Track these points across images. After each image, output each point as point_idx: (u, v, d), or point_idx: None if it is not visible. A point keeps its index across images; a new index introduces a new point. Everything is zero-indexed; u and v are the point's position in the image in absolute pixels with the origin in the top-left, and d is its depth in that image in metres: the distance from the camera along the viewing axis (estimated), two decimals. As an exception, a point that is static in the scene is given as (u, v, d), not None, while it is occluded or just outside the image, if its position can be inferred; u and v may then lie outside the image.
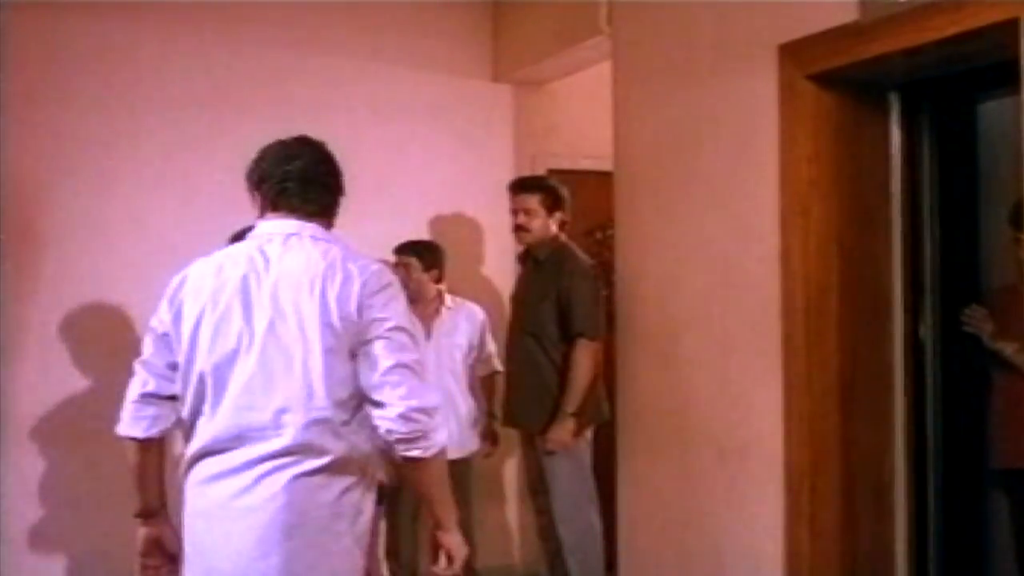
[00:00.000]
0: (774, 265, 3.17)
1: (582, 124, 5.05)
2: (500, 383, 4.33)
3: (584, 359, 3.83)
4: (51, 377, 4.14)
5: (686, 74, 3.56)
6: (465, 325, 4.35)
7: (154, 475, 2.34)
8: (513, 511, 5.04)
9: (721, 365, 3.41)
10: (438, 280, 4.36)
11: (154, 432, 2.30)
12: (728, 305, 3.38)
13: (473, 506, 4.42)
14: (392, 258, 4.37)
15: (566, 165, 5.01)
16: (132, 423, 2.30)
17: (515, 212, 4.09)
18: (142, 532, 2.37)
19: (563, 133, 5.09)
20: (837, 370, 3.10)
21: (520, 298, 4.15)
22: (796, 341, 3.10)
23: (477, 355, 4.39)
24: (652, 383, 3.76)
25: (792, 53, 3.08)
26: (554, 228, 4.04)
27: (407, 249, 4.33)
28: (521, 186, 4.14)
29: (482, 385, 4.44)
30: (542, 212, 4.03)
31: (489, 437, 4.41)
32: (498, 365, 4.41)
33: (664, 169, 3.69)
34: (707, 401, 3.47)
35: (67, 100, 4.17)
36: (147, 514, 2.37)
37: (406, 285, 4.22)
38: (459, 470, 4.29)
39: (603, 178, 4.99)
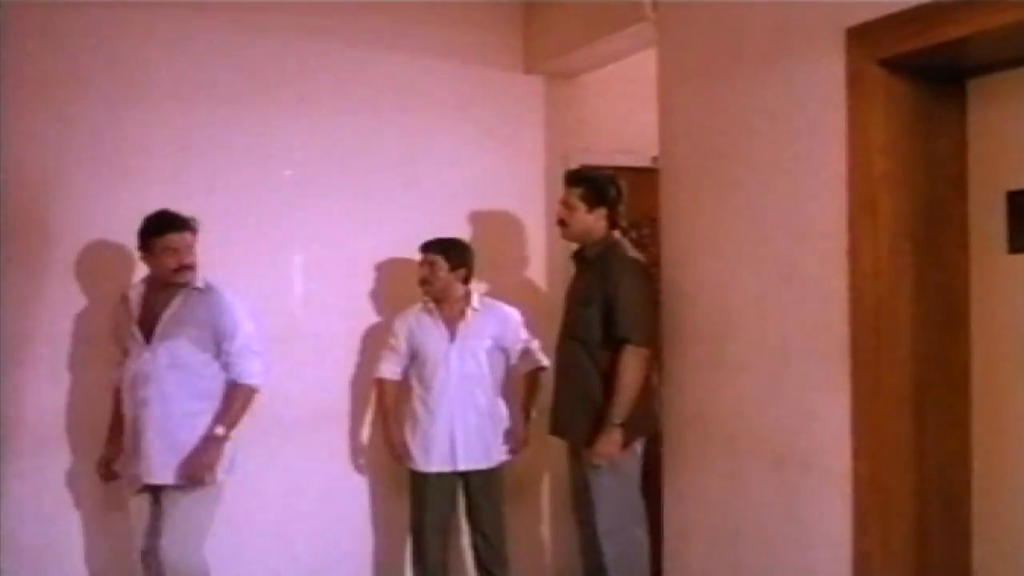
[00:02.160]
0: (840, 264, 2.95)
1: (615, 118, 4.90)
2: (547, 381, 4.09)
3: (632, 367, 3.60)
4: (60, 380, 3.95)
5: (739, 61, 3.35)
6: (493, 327, 4.16)
7: None
8: (547, 522, 4.84)
9: (778, 370, 3.20)
10: (466, 280, 4.16)
11: None
12: (786, 306, 3.17)
13: (506, 516, 4.22)
14: (418, 256, 4.17)
15: (598, 161, 4.79)
16: None
17: (561, 205, 3.88)
18: None
19: (596, 127, 4.90)
20: (910, 376, 2.88)
21: (569, 300, 3.92)
22: (865, 345, 2.89)
23: (513, 355, 4.18)
24: (700, 389, 3.55)
25: (861, 37, 2.87)
26: (599, 225, 3.81)
27: (433, 247, 4.14)
28: (566, 178, 3.95)
29: (525, 382, 4.24)
30: (582, 207, 3.83)
31: (515, 438, 4.20)
32: (543, 360, 4.21)
33: (714, 163, 3.49)
34: (762, 408, 3.26)
35: (77, 91, 3.97)
36: None
37: (431, 284, 4.05)
38: (489, 479, 4.11)
39: (637, 174, 4.83)
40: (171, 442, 3.62)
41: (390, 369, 4.19)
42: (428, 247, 4.13)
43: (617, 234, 3.86)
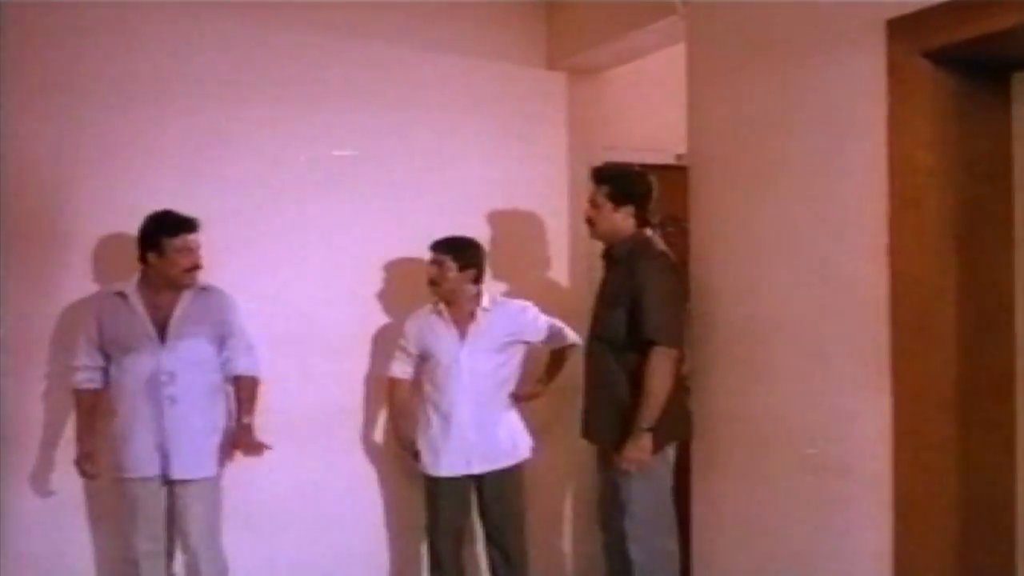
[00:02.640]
0: (880, 263, 2.86)
1: (640, 115, 4.81)
2: (577, 380, 3.96)
3: (661, 369, 3.45)
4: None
5: (772, 56, 3.26)
6: (506, 324, 4.06)
7: None
8: (568, 529, 4.75)
9: (814, 373, 3.11)
10: (476, 280, 4.06)
11: None
12: (822, 307, 3.08)
13: (526, 519, 4.13)
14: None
15: (622, 158, 4.68)
16: None
17: (588, 203, 3.80)
18: None
19: (619, 124, 4.79)
20: (953, 380, 2.78)
21: (597, 300, 3.81)
22: (907, 348, 2.81)
23: (539, 339, 4.12)
24: (731, 391, 3.46)
25: (903, 28, 2.78)
26: (627, 223, 3.71)
27: (442, 246, 4.04)
28: (592, 175, 3.84)
29: (550, 356, 4.18)
30: (608, 205, 3.71)
31: (524, 390, 4.17)
32: (571, 337, 4.13)
33: (746, 159, 3.40)
34: (797, 413, 3.17)
35: (85, 90, 3.86)
36: None
37: (439, 284, 3.96)
38: (505, 483, 4.02)
39: (661, 172, 4.72)
40: (197, 436, 3.70)
41: (400, 368, 4.11)
42: (436, 247, 4.04)
43: (648, 231, 3.75)
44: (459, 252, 4.01)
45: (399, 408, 4.14)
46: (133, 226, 3.72)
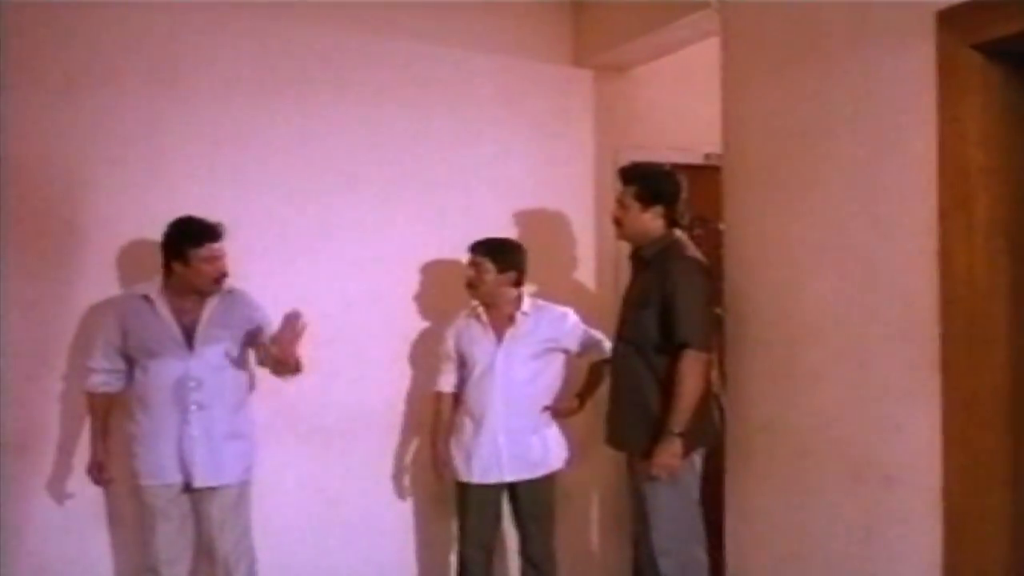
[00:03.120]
0: (929, 265, 2.74)
1: (667, 113, 4.72)
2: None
3: (692, 373, 3.36)
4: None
5: (814, 49, 3.15)
6: (545, 330, 3.94)
7: None
8: (597, 539, 4.65)
9: (857, 379, 2.99)
10: (517, 283, 3.95)
11: None
12: (867, 311, 2.96)
13: (555, 530, 4.02)
14: (463, 256, 4.03)
15: (649, 157, 4.55)
16: None
17: (616, 203, 3.69)
18: None
19: (647, 123, 4.69)
20: (1008, 387, 2.67)
21: (625, 302, 3.71)
22: (957, 353, 2.68)
23: (575, 348, 3.99)
24: (768, 398, 3.34)
25: (954, 20, 2.67)
26: (656, 224, 3.60)
27: (480, 248, 3.94)
28: (620, 175, 3.74)
29: (588, 372, 4.05)
30: (635, 205, 3.61)
31: (561, 406, 4.03)
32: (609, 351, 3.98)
33: (785, 158, 3.28)
34: (839, 419, 3.05)
35: (105, 87, 3.75)
36: None
37: (477, 287, 3.87)
38: (538, 493, 3.92)
39: (689, 172, 4.62)
40: (221, 442, 3.61)
41: (448, 381, 4.02)
42: (475, 248, 3.94)
43: (678, 232, 3.64)
44: (498, 254, 3.91)
45: (442, 425, 4.03)
46: (150, 228, 3.64)
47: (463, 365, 3.96)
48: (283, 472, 3.99)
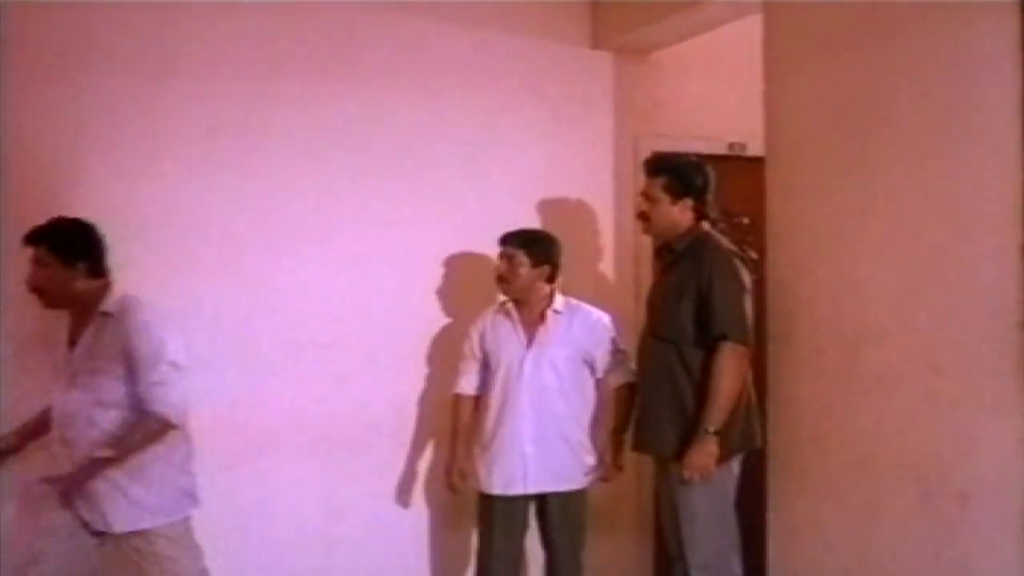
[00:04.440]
0: (1009, 262, 2.52)
1: (691, 100, 4.49)
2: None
3: (730, 366, 3.13)
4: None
5: (876, 24, 2.89)
6: (578, 333, 3.64)
7: None
8: (629, 548, 4.38)
9: (929, 386, 2.73)
10: (550, 279, 3.67)
11: None
12: (939, 310, 2.71)
13: (584, 547, 3.74)
14: (478, 249, 3.81)
15: (673, 147, 4.31)
16: None
17: (641, 196, 3.43)
18: None
19: (670, 110, 4.43)
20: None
21: (653, 298, 3.45)
22: (1044, 359, 2.45)
23: (600, 366, 3.66)
24: (822, 404, 3.09)
25: (1046, -9, 2.42)
26: (685, 217, 3.35)
27: (513, 239, 3.65)
28: (646, 166, 3.47)
29: (616, 398, 3.68)
30: (665, 199, 3.36)
31: (604, 465, 3.68)
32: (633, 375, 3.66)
33: (840, 146, 3.03)
34: (907, 429, 2.80)
35: (93, 68, 3.45)
36: None
37: (509, 281, 3.60)
38: (568, 508, 3.66)
39: (715, 162, 4.39)
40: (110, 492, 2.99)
41: (469, 383, 3.73)
42: (508, 240, 3.65)
43: (706, 226, 3.39)
44: (533, 246, 3.63)
45: (461, 431, 3.74)
46: (143, 220, 3.42)
47: (487, 366, 3.68)
48: (285, 485, 3.73)
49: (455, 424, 3.74)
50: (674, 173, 3.38)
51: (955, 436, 2.67)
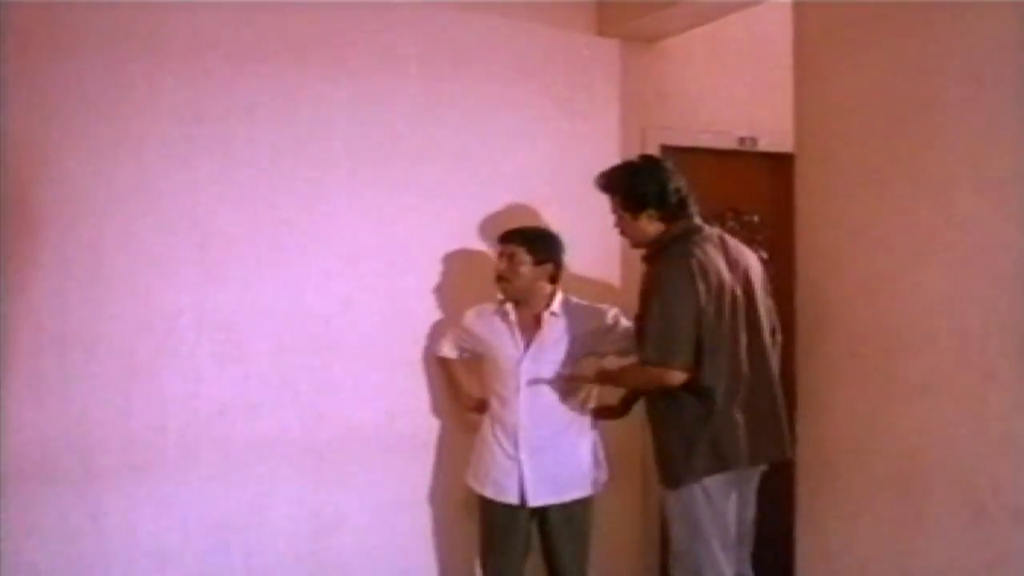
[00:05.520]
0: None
1: (700, 91, 4.30)
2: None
3: (639, 375, 3.11)
4: (48, 394, 3.17)
5: (915, 12, 2.69)
6: (574, 330, 3.43)
7: None
8: (634, 560, 4.16)
9: (979, 394, 2.53)
10: (553, 278, 3.46)
11: None
12: (990, 311, 2.51)
13: (588, 561, 3.52)
14: (476, 247, 3.64)
15: (681, 141, 4.14)
16: None
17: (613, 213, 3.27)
18: None
19: (677, 101, 4.21)
20: None
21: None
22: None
23: (618, 345, 3.46)
24: (857, 415, 2.88)
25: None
26: (654, 227, 3.13)
27: (515, 236, 3.45)
28: (597, 186, 3.25)
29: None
30: (625, 215, 3.18)
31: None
32: None
33: (878, 138, 2.82)
34: (955, 443, 2.59)
35: (69, 48, 3.19)
36: None
37: (509, 281, 3.40)
38: (575, 514, 3.45)
39: (721, 158, 4.24)
40: None
41: (451, 349, 3.63)
42: (509, 237, 3.45)
43: (681, 226, 3.12)
44: (535, 243, 3.43)
45: (457, 380, 3.66)
46: (117, 211, 3.19)
47: (485, 366, 3.53)
48: (270, 500, 3.48)
49: (452, 378, 3.66)
50: (622, 189, 3.18)
51: (1007, 448, 2.48)
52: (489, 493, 3.43)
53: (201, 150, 3.37)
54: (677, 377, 2.93)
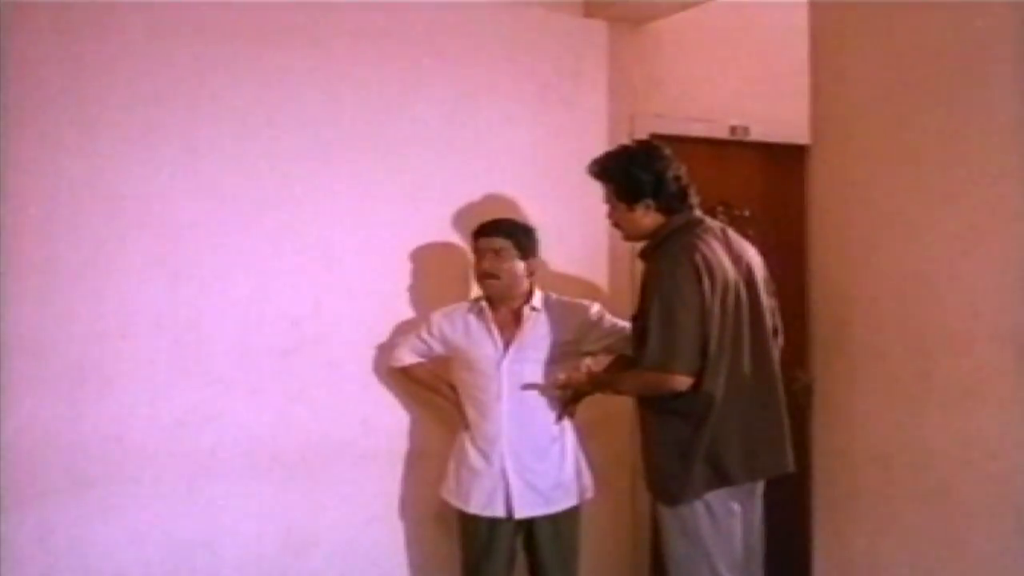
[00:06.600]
0: None
1: (692, 77, 4.12)
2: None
3: (636, 381, 2.87)
4: (43, 400, 2.93)
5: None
6: (557, 327, 3.22)
7: None
8: (625, 569, 3.97)
9: (1025, 403, 2.35)
10: (531, 274, 3.25)
11: None
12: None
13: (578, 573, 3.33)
14: (464, 242, 3.38)
15: (672, 129, 3.93)
16: None
17: (606, 202, 3.05)
18: None
19: (667, 87, 4.01)
20: None
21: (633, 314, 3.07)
22: None
23: (603, 340, 3.26)
24: (885, 422, 2.69)
25: None
26: (652, 219, 2.91)
27: (499, 230, 3.22)
28: (591, 173, 3.02)
29: (616, 358, 3.31)
30: (620, 206, 2.96)
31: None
32: None
33: (908, 127, 2.65)
34: (999, 453, 2.43)
35: (14, 25, 2.89)
36: None
37: (497, 277, 3.16)
38: (562, 525, 3.24)
39: (713, 148, 4.04)
40: None
41: (410, 356, 3.33)
42: (491, 230, 3.22)
43: (681, 218, 2.91)
44: (521, 237, 3.21)
45: (428, 381, 3.38)
46: (71, 203, 2.92)
47: (460, 369, 3.28)
48: (238, 515, 3.23)
49: (422, 379, 3.38)
50: (619, 177, 2.95)
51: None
52: (472, 508, 3.20)
53: (160, 137, 3.10)
54: (681, 383, 2.71)
